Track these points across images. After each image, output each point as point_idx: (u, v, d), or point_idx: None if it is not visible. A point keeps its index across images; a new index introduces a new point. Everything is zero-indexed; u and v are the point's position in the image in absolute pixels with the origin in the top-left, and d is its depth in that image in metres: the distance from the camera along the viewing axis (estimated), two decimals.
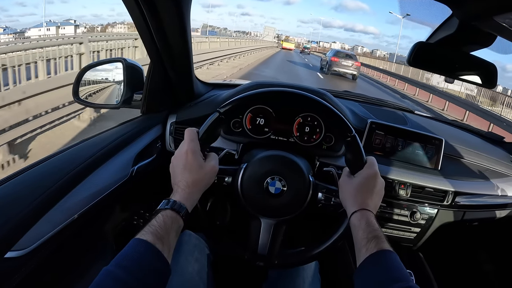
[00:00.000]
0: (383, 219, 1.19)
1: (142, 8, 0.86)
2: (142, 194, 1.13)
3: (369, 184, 0.74)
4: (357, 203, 0.71)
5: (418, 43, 0.86)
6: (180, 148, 0.73)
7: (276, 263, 0.82)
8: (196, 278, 0.87)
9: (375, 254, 0.61)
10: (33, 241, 0.66)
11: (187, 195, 0.67)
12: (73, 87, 1.09)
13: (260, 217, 0.83)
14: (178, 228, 0.63)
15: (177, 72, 1.10)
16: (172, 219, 0.62)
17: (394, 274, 0.57)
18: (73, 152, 0.87)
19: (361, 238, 0.65)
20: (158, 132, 1.15)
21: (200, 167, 0.70)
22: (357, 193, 0.73)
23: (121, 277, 0.50)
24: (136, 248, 0.55)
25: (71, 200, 0.76)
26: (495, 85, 0.93)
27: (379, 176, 0.76)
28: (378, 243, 0.62)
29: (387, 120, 1.23)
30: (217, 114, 0.76)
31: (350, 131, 0.77)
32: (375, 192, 0.74)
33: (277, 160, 0.84)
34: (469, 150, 1.29)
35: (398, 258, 0.61)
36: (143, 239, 0.56)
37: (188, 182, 0.68)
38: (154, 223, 0.59)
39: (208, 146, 0.77)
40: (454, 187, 1.16)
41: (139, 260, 0.53)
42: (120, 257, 0.53)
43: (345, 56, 16.44)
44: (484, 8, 0.66)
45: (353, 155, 0.77)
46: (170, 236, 0.60)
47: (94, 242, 0.91)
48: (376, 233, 0.64)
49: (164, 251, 0.57)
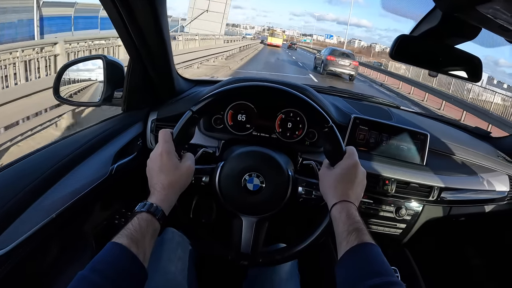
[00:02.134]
0: (368, 215, 1.19)
1: (118, 6, 0.84)
2: (123, 192, 1.11)
3: (350, 174, 0.72)
4: (337, 195, 0.69)
5: (400, 35, 0.85)
6: (155, 150, 0.71)
7: (261, 261, 0.81)
8: (179, 277, 0.86)
9: (356, 247, 0.59)
10: (10, 241, 0.64)
11: (163, 197, 0.66)
12: (54, 84, 1.07)
13: (241, 215, 0.82)
14: (154, 231, 0.62)
15: (156, 69, 1.09)
16: (147, 222, 0.61)
17: (374, 268, 0.56)
18: (52, 150, 0.85)
19: (341, 231, 0.63)
20: (139, 130, 1.13)
21: (175, 168, 0.69)
22: (337, 184, 0.71)
23: (95, 282, 0.49)
24: (111, 251, 0.54)
25: (49, 199, 0.74)
26: (480, 78, 0.92)
27: (360, 165, 0.74)
28: (359, 236, 0.60)
29: (371, 116, 1.22)
30: (190, 113, 0.74)
31: (327, 122, 0.75)
32: (356, 183, 0.72)
33: (254, 156, 0.82)
34: (455, 145, 1.29)
35: (380, 251, 0.59)
36: (118, 243, 0.55)
37: (164, 184, 0.67)
38: (129, 226, 0.59)
39: (183, 146, 0.75)
40: (440, 183, 1.16)
41: (113, 264, 0.53)
42: (95, 261, 0.53)
43: (342, 54, 15.37)
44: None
45: (332, 145, 0.75)
46: (146, 239, 0.59)
47: (73, 242, 0.89)
48: (357, 225, 0.62)
49: (139, 254, 0.56)
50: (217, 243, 0.82)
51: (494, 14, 0.65)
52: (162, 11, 0.91)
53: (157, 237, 0.91)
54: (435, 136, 1.25)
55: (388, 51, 0.89)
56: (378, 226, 1.21)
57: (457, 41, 0.88)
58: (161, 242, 0.91)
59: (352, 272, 0.57)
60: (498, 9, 0.61)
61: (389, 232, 1.23)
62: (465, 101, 10.81)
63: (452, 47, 0.87)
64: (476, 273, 1.48)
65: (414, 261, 1.36)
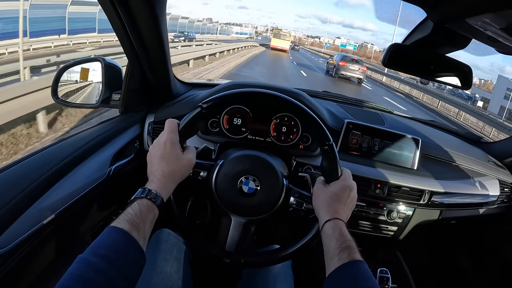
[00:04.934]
0: (359, 218, 1.21)
1: (118, 9, 0.86)
2: (120, 194, 1.11)
3: (344, 195, 0.75)
4: (330, 212, 0.72)
5: (393, 44, 0.87)
6: (159, 138, 0.72)
7: (242, 262, 0.82)
8: (175, 278, 0.87)
9: (348, 264, 0.61)
10: (10, 241, 0.65)
11: (162, 184, 0.67)
12: (52, 86, 1.08)
13: (231, 214, 0.84)
14: (154, 217, 0.63)
15: (154, 72, 1.10)
16: (148, 207, 0.61)
17: (364, 284, 0.58)
18: (50, 152, 0.86)
19: (334, 247, 0.65)
20: (136, 132, 1.14)
21: (177, 158, 0.70)
22: (331, 202, 0.74)
23: (97, 265, 0.49)
24: (111, 236, 0.54)
25: (49, 200, 0.75)
26: (470, 85, 0.94)
27: (355, 189, 0.78)
28: (351, 253, 0.63)
29: (364, 120, 1.24)
30: (199, 109, 0.76)
31: (328, 140, 0.77)
32: (348, 203, 0.75)
33: (252, 160, 0.84)
34: (446, 150, 1.31)
35: (368, 269, 0.62)
36: (119, 227, 0.55)
37: (165, 172, 0.68)
38: (129, 211, 0.59)
39: (186, 139, 0.77)
40: (431, 187, 1.18)
41: (115, 248, 0.52)
42: (95, 245, 0.53)
43: (351, 60, 17.30)
44: (457, 11, 0.68)
45: (330, 164, 0.78)
46: (146, 225, 0.60)
47: (71, 242, 0.90)
48: (349, 243, 0.65)
49: (139, 239, 0.56)
50: (207, 242, 0.83)
51: (483, 26, 0.67)
52: (161, 14, 0.92)
53: (153, 238, 0.93)
54: (427, 141, 1.28)
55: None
56: (369, 228, 1.23)
57: (448, 50, 0.90)
58: (156, 242, 0.92)
59: (343, 287, 0.60)
60: (487, 22, 0.63)
61: (381, 235, 1.25)
62: None
63: (443, 56, 0.90)
64: (466, 275, 1.50)
65: (405, 263, 1.38)
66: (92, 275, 0.48)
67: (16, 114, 3.76)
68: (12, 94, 3.67)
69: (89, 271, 0.48)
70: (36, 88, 3.93)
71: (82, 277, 0.47)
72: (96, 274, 0.48)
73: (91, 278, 0.47)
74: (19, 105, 3.73)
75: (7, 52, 10.99)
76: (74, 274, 0.48)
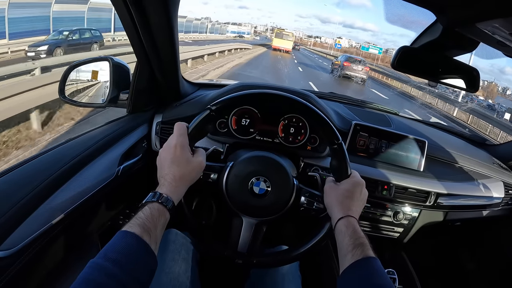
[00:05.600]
0: (366, 219, 1.22)
1: (130, 8, 0.85)
2: (127, 193, 1.12)
3: (356, 190, 0.76)
4: (343, 210, 0.73)
5: (402, 47, 0.87)
6: (169, 141, 0.72)
7: (254, 262, 0.83)
8: (183, 278, 0.87)
9: (361, 261, 0.62)
10: (20, 241, 0.66)
11: (173, 188, 0.67)
12: (59, 85, 1.08)
13: (242, 215, 0.84)
14: (165, 221, 0.63)
15: (163, 72, 1.10)
16: (159, 212, 0.62)
17: (378, 281, 0.59)
18: (59, 152, 0.86)
19: (347, 244, 0.66)
20: (144, 132, 1.15)
21: (187, 162, 0.70)
22: (344, 199, 0.75)
23: (109, 269, 0.49)
24: (124, 240, 0.54)
25: (57, 200, 0.76)
26: (477, 88, 0.95)
27: (364, 186, 0.79)
28: (364, 250, 0.64)
29: (371, 122, 1.25)
30: (208, 111, 0.76)
31: (338, 139, 0.78)
32: (360, 200, 0.76)
33: (263, 161, 0.85)
34: (452, 152, 1.32)
35: (382, 266, 0.62)
36: (131, 232, 0.55)
37: (175, 176, 0.68)
38: (141, 215, 0.59)
39: (196, 142, 0.77)
40: (437, 188, 1.19)
41: (127, 253, 0.52)
42: (107, 249, 0.53)
43: (355, 61, 18.11)
44: (468, 15, 0.68)
45: (339, 162, 0.79)
46: (157, 229, 0.60)
47: (79, 242, 0.90)
48: (362, 240, 0.66)
49: (151, 243, 0.56)
50: (216, 243, 0.84)
51: (492, 31, 0.68)
52: (174, 15, 0.92)
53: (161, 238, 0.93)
54: (433, 143, 1.28)
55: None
56: (376, 229, 1.24)
57: (456, 53, 0.90)
58: (165, 243, 0.93)
59: (357, 283, 0.60)
60: (497, 27, 0.64)
61: (387, 236, 1.25)
62: None
63: (451, 59, 0.90)
64: (471, 276, 1.51)
65: (411, 263, 1.39)
66: (104, 280, 0.48)
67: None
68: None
69: (101, 276, 0.48)
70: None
71: (94, 281, 0.48)
72: (108, 279, 0.48)
73: (103, 282, 0.48)
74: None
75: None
76: (86, 279, 0.48)
